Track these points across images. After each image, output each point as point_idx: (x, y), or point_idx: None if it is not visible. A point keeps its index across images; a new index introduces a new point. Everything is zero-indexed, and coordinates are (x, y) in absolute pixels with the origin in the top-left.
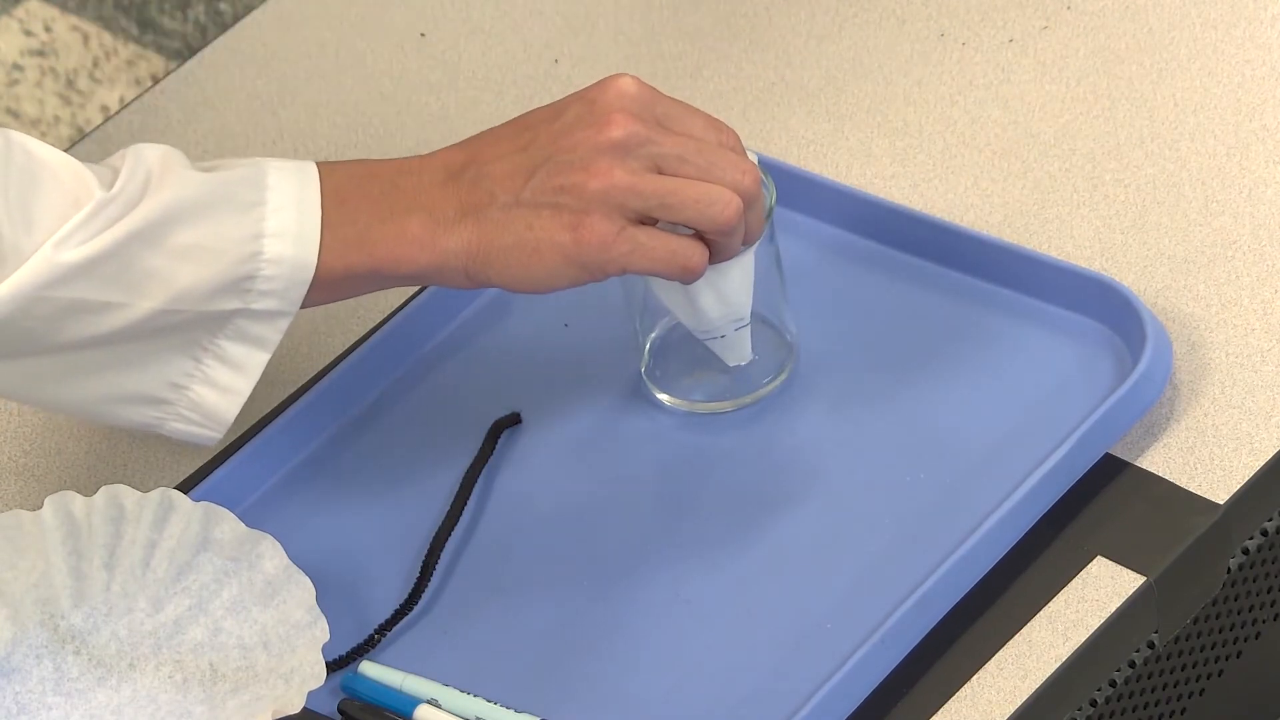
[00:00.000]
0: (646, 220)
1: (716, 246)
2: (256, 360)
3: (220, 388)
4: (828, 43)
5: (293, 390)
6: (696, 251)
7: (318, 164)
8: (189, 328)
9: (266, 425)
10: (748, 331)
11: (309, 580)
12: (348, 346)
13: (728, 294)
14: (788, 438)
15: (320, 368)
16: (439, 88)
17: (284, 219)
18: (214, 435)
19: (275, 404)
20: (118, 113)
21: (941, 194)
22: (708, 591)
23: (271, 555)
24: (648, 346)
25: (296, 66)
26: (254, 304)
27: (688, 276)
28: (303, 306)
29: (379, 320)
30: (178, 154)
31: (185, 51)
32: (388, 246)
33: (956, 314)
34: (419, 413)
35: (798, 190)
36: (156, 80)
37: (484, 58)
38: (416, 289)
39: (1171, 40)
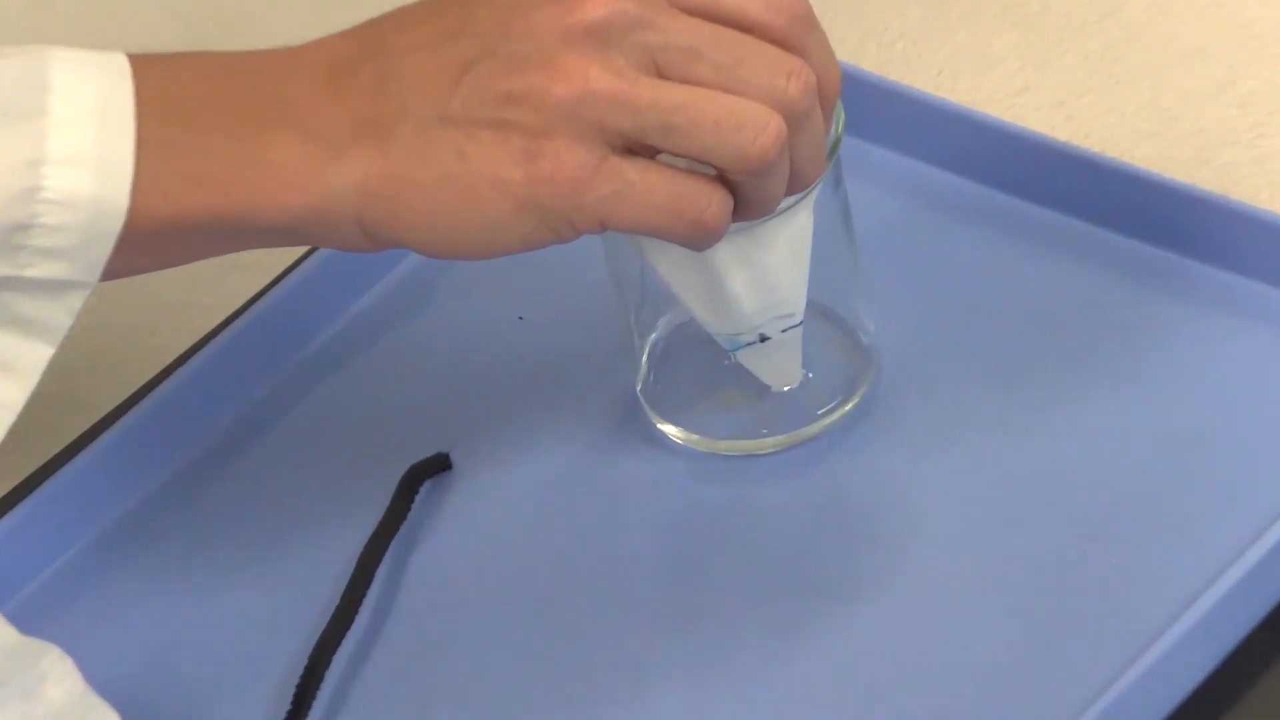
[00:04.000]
0: (640, 150)
1: (747, 194)
2: (34, 357)
3: None
4: None
5: (99, 416)
6: (716, 200)
7: (131, 56)
8: None
9: (58, 470)
10: (799, 335)
11: (116, 715)
12: (185, 349)
13: (769, 272)
14: (860, 494)
15: (143, 381)
16: None
17: (78, 138)
18: None
19: (72, 437)
20: None
21: (1099, 116)
22: None
23: (59, 676)
24: (646, 353)
25: None
26: (29, 269)
27: (701, 238)
28: (108, 276)
29: (234, 308)
30: None
31: None
32: (241, 181)
33: (1122, 298)
34: (295, 450)
35: (879, 111)
36: None
37: None
38: (292, 257)
39: None
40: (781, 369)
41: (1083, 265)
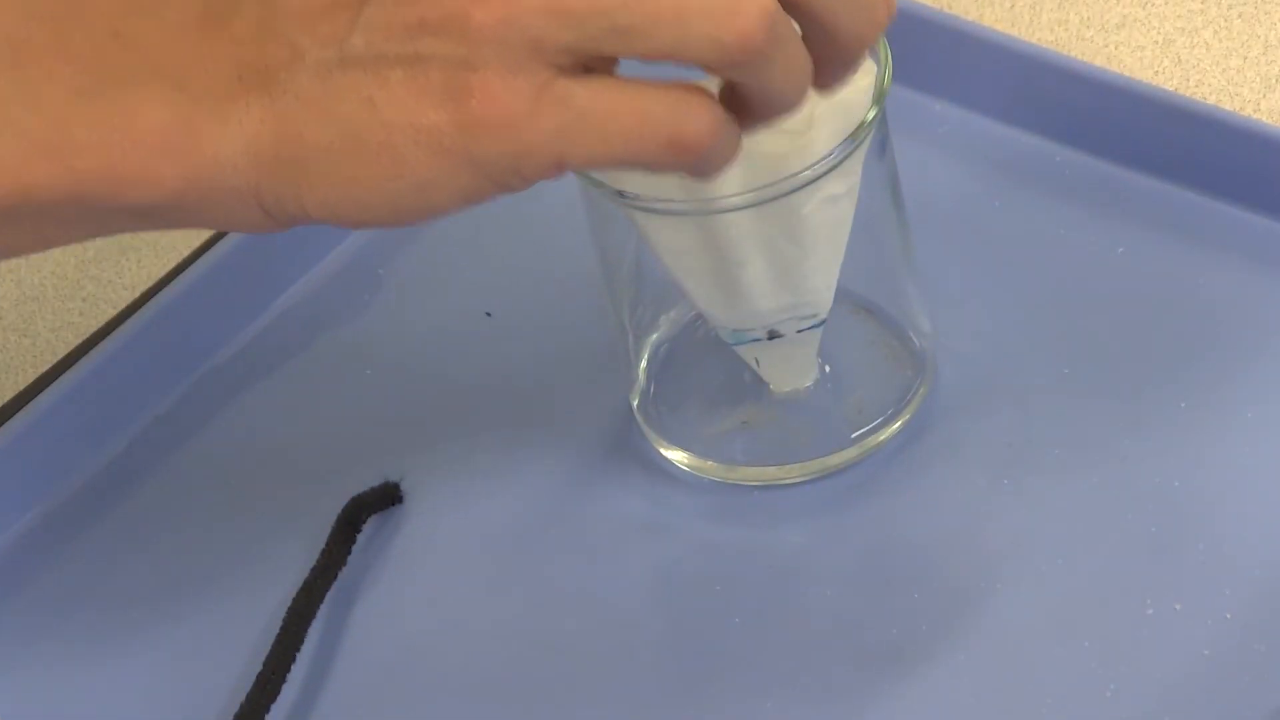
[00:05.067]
0: (598, 65)
1: (748, 93)
2: None
3: None
4: None
5: None
6: (697, 110)
7: None
8: None
9: None
10: (818, 336)
11: None
12: (66, 353)
13: (796, 261)
14: (914, 535)
15: (14, 393)
16: None
17: None
18: None
19: None
20: None
21: (1216, 59)
22: None
23: None
24: (645, 359)
25: None
26: None
27: (691, 160)
28: None
29: (129, 300)
30: None
31: None
32: (99, 149)
33: (1247, 288)
34: (206, 480)
35: (936, 53)
36: None
37: None
38: (202, 236)
39: None
40: (791, 368)
41: (1195, 247)
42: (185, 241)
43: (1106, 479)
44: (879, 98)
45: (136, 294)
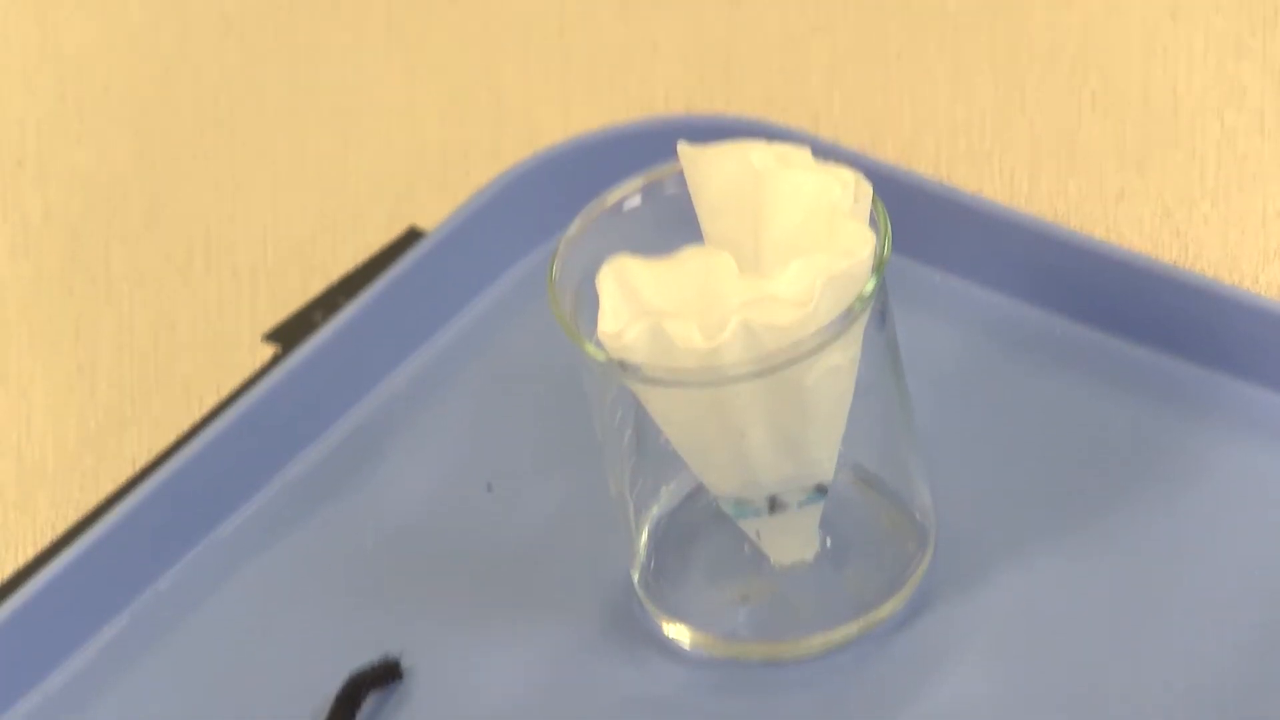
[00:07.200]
0: None
1: None
2: None
3: None
4: None
5: None
6: None
7: None
8: None
9: None
10: (819, 509)
11: None
12: (67, 529)
13: (798, 429)
14: (920, 709)
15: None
16: None
17: None
18: None
19: None
20: None
21: (1215, 231)
22: None
23: None
24: (645, 533)
25: None
26: None
27: None
28: None
29: (127, 475)
30: None
31: None
32: None
33: (1259, 465)
34: (198, 656)
35: (935, 223)
36: None
37: None
38: (201, 410)
39: None
40: (792, 541)
41: (1196, 419)
42: (184, 415)
43: (1114, 650)
44: (878, 268)
45: (136, 468)
